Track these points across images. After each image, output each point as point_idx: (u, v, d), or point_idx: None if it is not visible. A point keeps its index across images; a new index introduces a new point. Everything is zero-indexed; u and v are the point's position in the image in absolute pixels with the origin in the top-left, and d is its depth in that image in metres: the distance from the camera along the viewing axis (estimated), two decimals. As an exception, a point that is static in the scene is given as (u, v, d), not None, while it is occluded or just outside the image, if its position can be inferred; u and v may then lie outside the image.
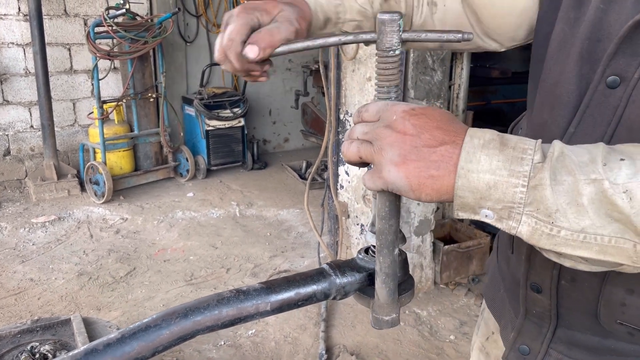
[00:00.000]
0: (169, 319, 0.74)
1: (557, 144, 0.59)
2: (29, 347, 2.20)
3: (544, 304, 0.87)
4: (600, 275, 0.77)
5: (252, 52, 0.75)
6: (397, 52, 0.66)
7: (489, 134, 0.61)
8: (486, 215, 0.60)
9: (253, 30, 0.77)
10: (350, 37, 0.68)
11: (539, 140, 0.60)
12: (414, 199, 0.63)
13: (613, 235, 0.56)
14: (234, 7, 5.81)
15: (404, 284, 0.84)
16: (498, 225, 0.61)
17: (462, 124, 0.63)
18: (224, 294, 0.80)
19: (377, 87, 0.68)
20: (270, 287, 0.81)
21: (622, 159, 0.56)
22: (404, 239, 0.82)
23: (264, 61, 0.80)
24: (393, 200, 0.68)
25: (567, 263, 0.62)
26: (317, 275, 0.85)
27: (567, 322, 0.85)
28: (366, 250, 0.86)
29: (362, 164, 0.69)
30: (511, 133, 1.04)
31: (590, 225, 0.56)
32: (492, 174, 0.58)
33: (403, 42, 0.67)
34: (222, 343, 2.85)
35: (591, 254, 0.58)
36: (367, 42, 0.68)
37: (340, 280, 0.84)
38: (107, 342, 0.71)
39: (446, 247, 3.34)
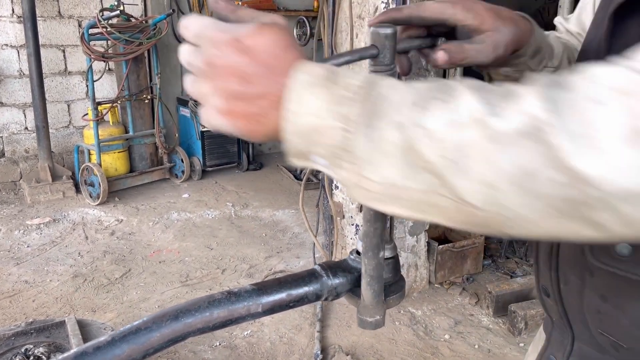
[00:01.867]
0: (159, 321, 0.74)
1: (385, 82, 0.51)
2: (23, 350, 2.20)
3: (555, 310, 0.85)
4: (581, 277, 0.76)
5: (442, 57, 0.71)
6: (394, 65, 0.66)
7: (321, 69, 0.53)
8: (320, 163, 0.53)
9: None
10: (355, 56, 0.67)
11: (373, 76, 0.53)
12: (258, 140, 0.57)
13: (426, 189, 0.48)
14: (228, 8, 5.84)
15: (394, 286, 0.85)
16: (332, 173, 0.53)
17: (295, 53, 0.55)
18: (215, 296, 0.80)
19: None
20: (262, 288, 0.81)
21: (437, 98, 0.48)
22: (394, 249, 0.82)
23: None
24: None
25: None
26: (308, 276, 0.85)
27: (577, 333, 0.84)
28: (358, 252, 0.87)
29: None
30: None
31: (395, 176, 0.49)
32: (316, 116, 0.51)
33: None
34: (218, 344, 2.85)
35: (405, 212, 0.51)
36: (370, 57, 0.67)
37: (331, 281, 0.85)
38: (96, 345, 0.71)
39: (440, 246, 3.35)
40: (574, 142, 0.43)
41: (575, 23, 0.92)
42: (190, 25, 0.55)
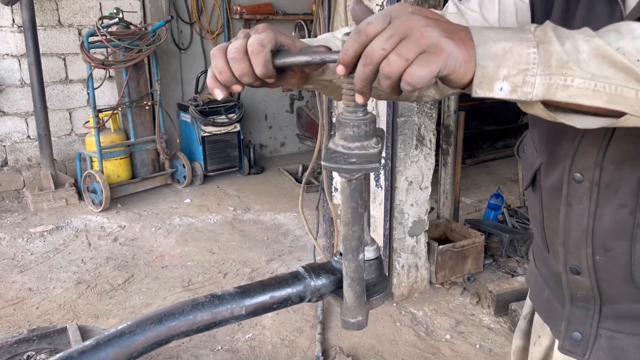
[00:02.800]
0: (143, 325, 0.75)
1: (549, 23, 0.64)
2: (25, 357, 2.21)
3: (585, 285, 0.95)
4: (628, 238, 0.87)
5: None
6: None
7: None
8: (501, 89, 0.62)
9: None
10: (317, 58, 0.69)
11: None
12: (463, 79, 0.63)
13: (619, 84, 0.61)
14: (227, 14, 5.89)
15: (377, 286, 0.86)
16: (513, 96, 0.63)
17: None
18: (199, 299, 0.82)
19: (345, 107, 0.69)
20: (245, 291, 0.83)
21: (609, 31, 0.63)
22: (377, 250, 0.83)
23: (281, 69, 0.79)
24: (355, 207, 0.70)
25: (563, 119, 0.66)
26: (291, 278, 0.86)
27: (610, 297, 0.93)
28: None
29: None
30: (517, 152, 1.16)
31: (595, 73, 0.61)
32: (506, 40, 0.61)
33: None
34: (219, 348, 2.87)
35: (601, 103, 0.62)
36: (333, 62, 0.69)
37: (314, 283, 0.86)
38: (82, 349, 0.73)
39: (441, 247, 3.35)
40: None
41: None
42: (373, 19, 0.62)
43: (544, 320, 1.13)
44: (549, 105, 0.65)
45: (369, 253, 0.84)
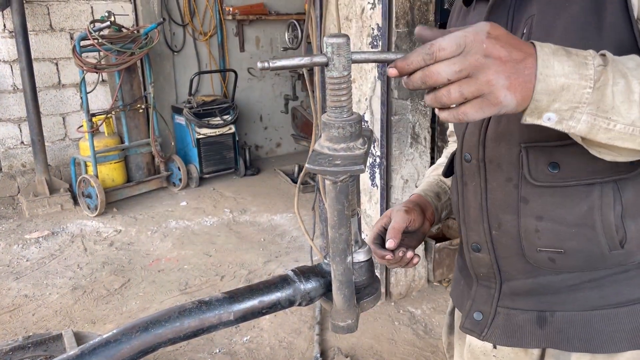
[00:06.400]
0: (129, 334, 0.74)
1: (608, 53, 0.67)
2: (20, 364, 2.20)
3: (485, 262, 0.99)
4: (515, 211, 0.92)
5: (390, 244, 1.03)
6: (347, 73, 0.65)
7: (552, 44, 0.66)
8: (549, 119, 0.66)
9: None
10: (306, 62, 0.67)
11: (592, 50, 0.68)
12: (516, 112, 0.67)
13: None
14: (219, 15, 5.88)
15: (368, 289, 0.84)
16: (557, 127, 0.67)
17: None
18: (186, 306, 0.80)
19: (330, 108, 0.68)
20: (233, 296, 0.81)
21: None
22: (368, 252, 0.82)
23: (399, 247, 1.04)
24: (341, 209, 0.69)
25: (608, 157, 0.73)
26: (281, 282, 0.85)
27: (507, 273, 0.98)
28: (332, 256, 0.87)
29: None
30: None
31: (637, 120, 0.66)
32: (566, 77, 0.64)
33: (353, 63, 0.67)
34: (217, 351, 2.85)
35: (635, 146, 0.68)
36: (320, 65, 0.67)
37: (304, 286, 0.85)
38: (65, 359, 0.71)
39: (438, 244, 3.34)
40: None
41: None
42: (444, 43, 0.63)
43: (457, 307, 1.17)
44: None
45: (359, 255, 0.83)
